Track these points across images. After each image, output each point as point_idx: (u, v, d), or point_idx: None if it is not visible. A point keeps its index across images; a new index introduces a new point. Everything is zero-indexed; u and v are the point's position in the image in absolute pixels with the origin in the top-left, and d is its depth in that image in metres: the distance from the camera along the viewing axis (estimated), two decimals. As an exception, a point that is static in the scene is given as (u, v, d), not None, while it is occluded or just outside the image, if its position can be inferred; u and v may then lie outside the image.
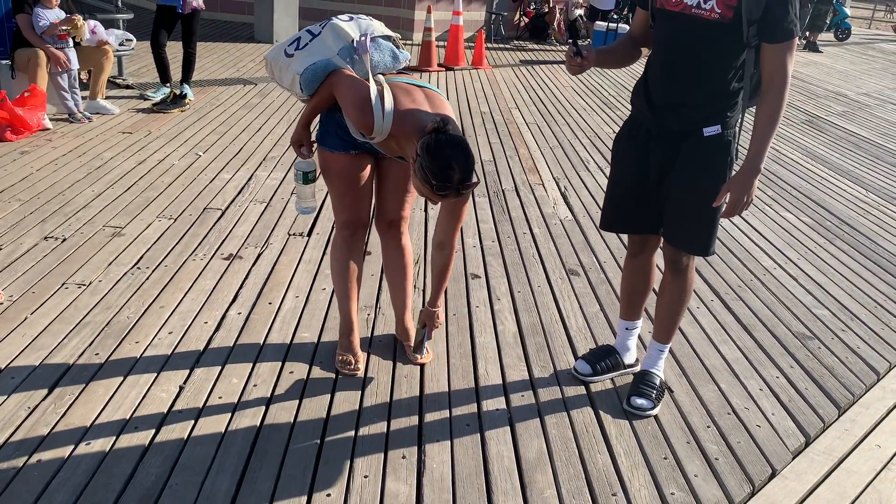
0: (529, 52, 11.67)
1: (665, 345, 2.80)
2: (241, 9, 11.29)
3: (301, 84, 2.47)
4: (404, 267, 2.88)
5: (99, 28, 5.94)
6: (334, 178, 2.61)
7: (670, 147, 2.47)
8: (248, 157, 5.24)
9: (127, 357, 2.75)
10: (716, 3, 2.24)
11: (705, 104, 2.37)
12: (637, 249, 2.77)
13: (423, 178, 2.17)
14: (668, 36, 2.39)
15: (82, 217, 3.96)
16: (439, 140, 2.15)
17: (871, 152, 7.27)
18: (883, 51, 16.80)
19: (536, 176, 5.48)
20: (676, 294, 2.67)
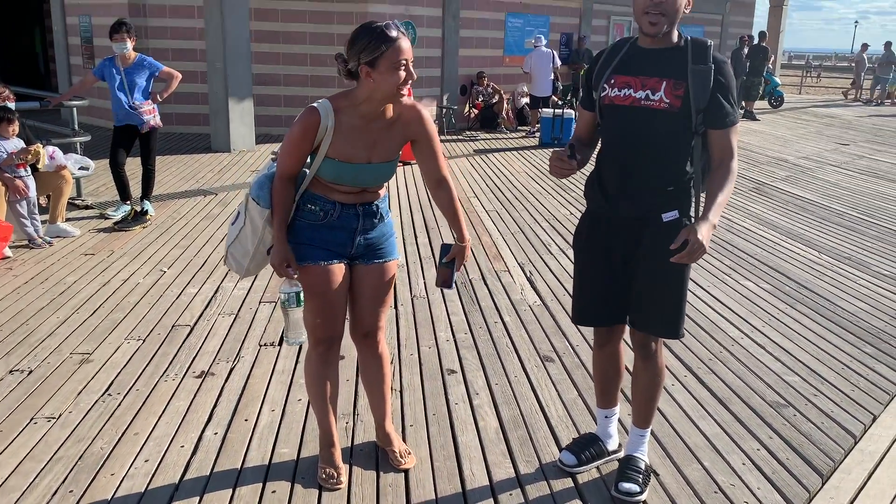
0: (482, 142, 12.02)
1: (645, 429, 2.82)
2: (197, 120, 11.48)
3: (257, 200, 2.55)
4: (382, 374, 2.86)
5: (57, 153, 6.00)
6: (308, 292, 2.62)
7: (631, 235, 2.54)
8: (213, 268, 5.24)
9: (103, 491, 2.67)
10: (664, 94, 2.38)
11: (661, 190, 2.47)
12: (604, 340, 2.80)
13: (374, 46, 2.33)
14: (620, 129, 2.49)
15: (48, 346, 3.90)
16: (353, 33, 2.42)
17: (818, 214, 7.55)
18: (816, 114, 17.65)
19: (501, 263, 5.57)
20: (650, 378, 2.71)
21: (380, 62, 2.35)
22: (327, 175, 2.53)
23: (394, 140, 2.57)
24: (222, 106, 9.99)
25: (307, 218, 2.58)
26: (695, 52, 2.40)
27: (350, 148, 2.49)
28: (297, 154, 2.50)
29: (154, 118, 6.35)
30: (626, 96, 2.44)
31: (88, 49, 12.18)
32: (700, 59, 2.38)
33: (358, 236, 2.63)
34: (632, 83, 2.44)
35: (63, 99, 7.17)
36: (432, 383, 3.59)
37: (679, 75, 2.38)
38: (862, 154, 11.75)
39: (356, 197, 2.60)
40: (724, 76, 2.39)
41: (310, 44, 11.61)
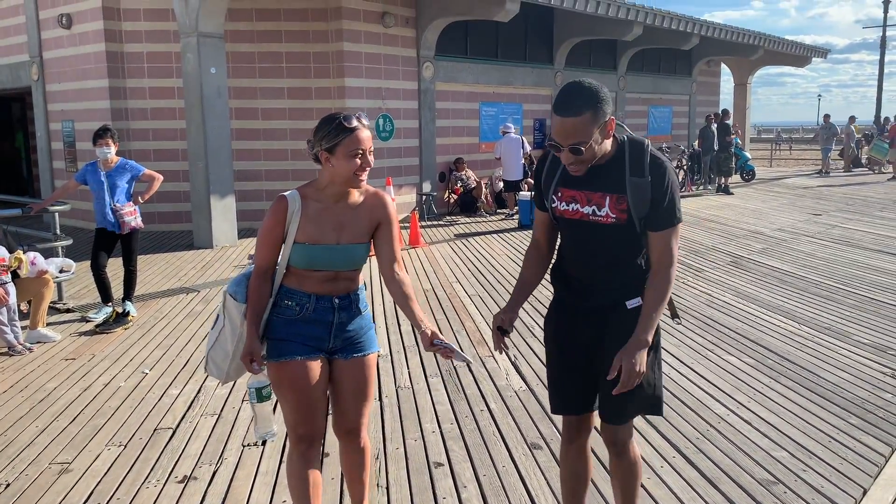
0: (462, 226, 12.19)
1: None
2: (179, 218, 11.60)
3: (233, 296, 2.63)
4: (363, 466, 2.89)
5: (39, 259, 6.02)
6: (286, 389, 2.62)
7: (596, 323, 2.53)
8: (196, 368, 5.20)
9: None
10: (609, 210, 2.41)
11: (622, 284, 2.50)
12: (573, 434, 2.71)
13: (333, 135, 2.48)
14: (573, 238, 2.54)
15: (26, 457, 3.82)
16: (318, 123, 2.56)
17: (796, 285, 7.67)
18: (787, 186, 18.11)
19: (485, 348, 5.57)
20: (627, 472, 2.65)
21: (337, 149, 2.51)
22: (299, 262, 2.60)
23: (361, 222, 2.67)
24: (204, 203, 10.12)
25: (284, 314, 2.64)
26: (632, 163, 2.39)
27: (317, 229, 2.59)
28: (270, 242, 2.62)
29: (135, 220, 6.41)
30: (574, 211, 2.47)
31: (71, 153, 12.38)
32: (636, 169, 2.38)
33: (335, 330, 2.66)
34: (577, 197, 2.46)
35: (45, 205, 7.25)
36: (419, 478, 3.54)
37: (619, 188, 2.39)
38: (835, 223, 12.02)
39: (331, 286, 2.64)
40: (663, 183, 2.37)
41: (290, 139, 11.89)
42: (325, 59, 11.82)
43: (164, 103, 11.53)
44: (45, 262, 6.09)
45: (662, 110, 20.25)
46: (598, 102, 2.27)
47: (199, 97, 9.81)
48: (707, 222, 12.12)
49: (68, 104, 12.27)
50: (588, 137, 2.27)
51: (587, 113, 2.25)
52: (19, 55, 13.29)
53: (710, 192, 16.55)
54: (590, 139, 2.28)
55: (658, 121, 20.10)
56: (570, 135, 2.27)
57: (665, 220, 2.40)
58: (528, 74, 15.31)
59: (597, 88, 2.29)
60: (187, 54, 9.85)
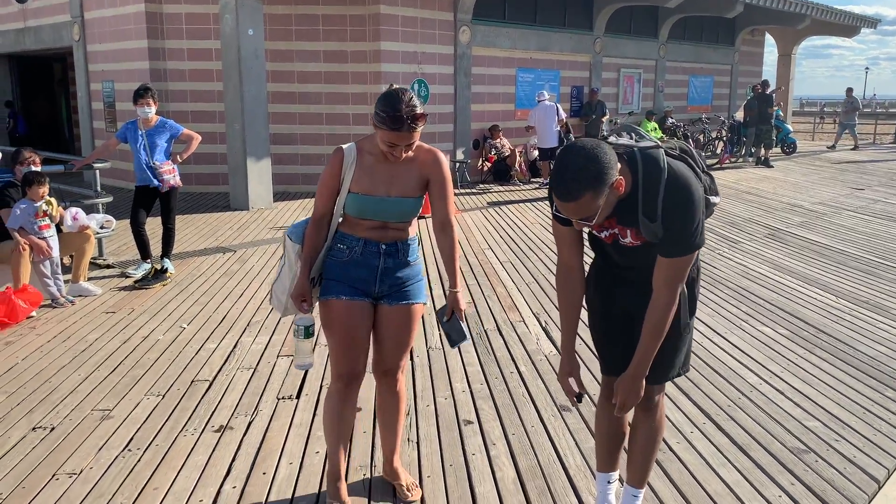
0: (495, 194, 12.14)
1: (640, 490, 2.71)
2: (217, 180, 11.73)
3: (291, 237, 2.81)
4: (397, 412, 2.99)
5: (80, 214, 6.15)
6: (334, 326, 2.77)
7: (637, 286, 2.50)
8: (232, 324, 5.30)
9: (122, 547, 2.68)
10: (631, 237, 2.39)
11: None
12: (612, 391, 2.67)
13: (379, 119, 2.57)
14: (606, 251, 2.57)
15: (70, 403, 3.95)
16: (387, 91, 2.63)
17: (834, 259, 7.53)
18: (829, 160, 17.69)
19: (516, 313, 5.59)
20: (649, 433, 2.65)
21: (378, 129, 2.65)
22: (352, 210, 2.76)
23: (411, 177, 2.77)
24: (241, 165, 10.22)
25: (336, 256, 2.80)
26: (644, 200, 2.28)
27: (369, 181, 2.73)
28: (326, 192, 2.78)
29: (174, 178, 6.51)
30: (607, 235, 2.47)
31: (111, 113, 12.55)
32: (648, 210, 2.27)
33: (380, 275, 2.79)
34: (607, 224, 2.42)
35: (87, 162, 7.38)
36: (449, 434, 3.59)
37: (635, 223, 2.34)
38: (878, 198, 11.75)
39: (380, 234, 2.78)
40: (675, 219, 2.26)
41: (325, 103, 11.91)
42: (361, 22, 11.77)
43: (203, 65, 11.60)
44: (86, 217, 6.22)
45: (703, 80, 19.84)
46: (598, 180, 2.11)
47: (236, 59, 9.85)
48: (745, 195, 11.92)
49: (108, 65, 12.41)
50: (594, 212, 2.18)
51: (587, 194, 2.11)
52: (61, 15, 13.44)
53: (750, 164, 16.25)
54: (597, 212, 2.18)
55: (698, 91, 19.71)
56: (574, 214, 2.20)
57: (677, 249, 2.30)
58: (566, 40, 15.09)
59: (594, 162, 2.12)
60: (225, 15, 9.88)
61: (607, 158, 2.14)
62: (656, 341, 2.37)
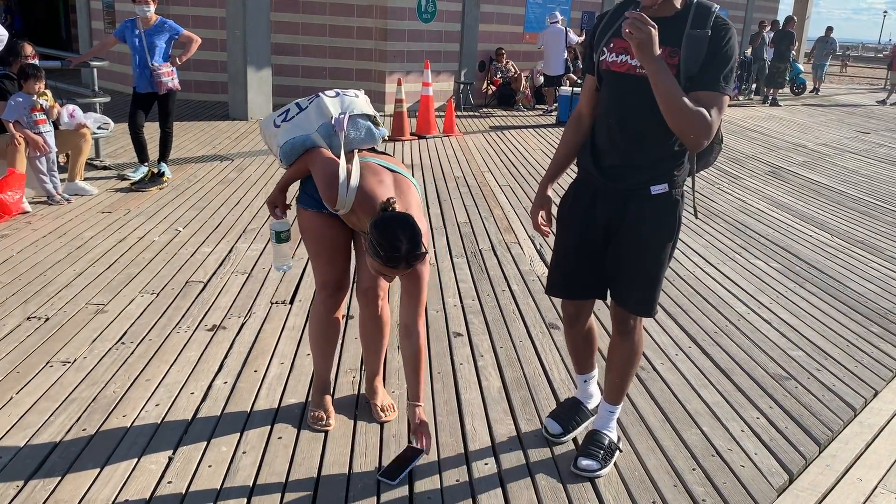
0: (498, 119, 11.99)
1: (616, 406, 2.75)
2: (216, 88, 11.54)
3: (280, 156, 2.66)
4: (380, 336, 2.96)
5: (77, 112, 6.07)
6: (309, 236, 2.74)
7: (617, 206, 2.46)
8: (228, 230, 5.31)
9: (115, 431, 2.75)
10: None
11: (652, 164, 2.39)
12: (572, 319, 2.72)
13: (374, 252, 2.29)
14: (614, 97, 2.41)
15: (65, 296, 3.98)
16: (385, 217, 2.30)
17: (833, 199, 7.52)
18: (837, 102, 17.46)
19: (512, 235, 5.60)
20: (626, 355, 2.63)
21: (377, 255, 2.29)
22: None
23: None
24: (241, 74, 10.04)
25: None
26: (695, 17, 2.26)
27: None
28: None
29: (172, 80, 6.39)
30: (622, 63, 2.34)
31: (110, 14, 12.23)
32: (698, 23, 2.24)
33: None
34: (629, 49, 2.30)
35: (84, 59, 7.23)
36: (439, 344, 3.65)
37: (675, 42, 2.24)
38: (882, 142, 11.64)
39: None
40: (721, 41, 2.23)
41: (329, 14, 11.61)
42: (370, -68, 11.37)
43: (204, -32, 11.26)
44: (83, 115, 6.14)
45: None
46: None
47: (239, -38, 9.55)
48: (749, 132, 11.80)
49: (107, -37, 12.04)
50: None
51: None
52: None
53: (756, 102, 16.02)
54: None
55: (711, 24, 19.21)
56: None
57: (713, 81, 2.22)
58: (579, -36, 14.62)
59: None
60: (229, -85, 9.52)
61: None
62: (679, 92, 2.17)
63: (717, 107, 2.23)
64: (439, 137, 9.83)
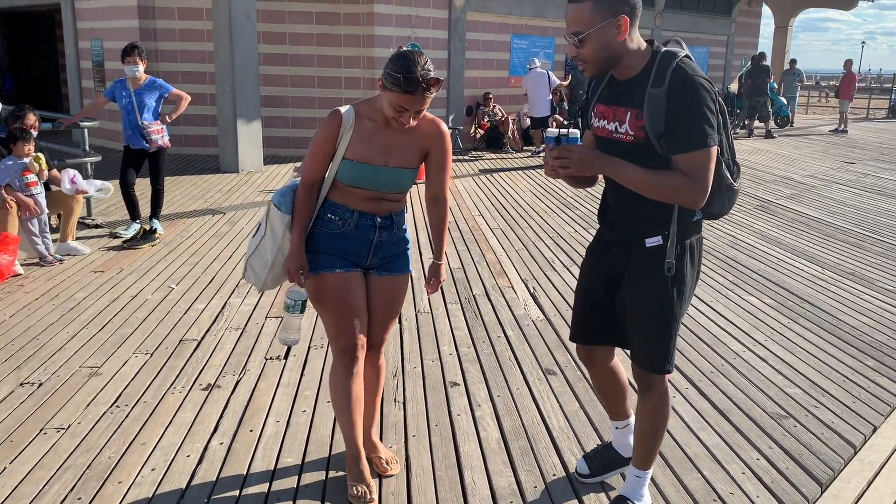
0: (487, 161, 12.11)
1: (644, 471, 2.64)
2: (206, 142, 11.63)
3: (279, 206, 2.65)
4: (377, 386, 2.94)
5: (78, 178, 6.07)
6: (329, 300, 2.65)
7: (622, 258, 2.49)
8: (221, 285, 5.31)
9: (111, 498, 2.72)
10: (629, 126, 2.29)
11: (645, 218, 2.41)
12: (588, 362, 2.74)
13: (392, 80, 2.43)
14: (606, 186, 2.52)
15: (58, 360, 3.96)
16: (399, 52, 2.49)
17: (822, 231, 7.58)
18: (822, 134, 17.69)
19: (505, 279, 5.62)
20: (648, 414, 2.55)
21: (388, 93, 2.49)
22: (346, 177, 2.61)
23: (411, 147, 2.66)
24: (231, 127, 10.14)
25: (326, 227, 2.67)
26: (656, 73, 2.23)
27: (366, 148, 2.60)
28: (320, 156, 2.63)
29: (163, 138, 6.45)
30: (602, 128, 2.41)
31: (100, 72, 12.38)
32: (658, 80, 2.22)
33: (374, 248, 2.70)
34: (606, 114, 2.38)
35: (75, 120, 7.29)
36: (435, 395, 3.63)
37: (639, 103, 2.25)
38: (868, 172, 11.78)
39: (375, 205, 2.66)
40: (681, 94, 2.18)
41: (317, 66, 11.78)
42: (355, -15, 11.60)
43: (193, 24, 11.44)
44: (84, 182, 6.15)
45: (699, 51, 19.70)
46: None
47: (227, 18, 9.71)
48: (736, 166, 11.91)
49: (97, 22, 12.22)
50: (585, 27, 2.20)
51: (587, 2, 2.19)
52: (49, -29, 13.21)
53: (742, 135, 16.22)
54: (587, 30, 2.19)
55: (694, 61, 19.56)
56: (571, 24, 2.24)
57: (684, 141, 2.18)
58: (561, 7, 14.91)
59: None
60: (216, -26, 9.72)
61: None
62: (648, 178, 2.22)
63: (700, 166, 2.20)
64: (430, 183, 9.88)
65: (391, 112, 2.51)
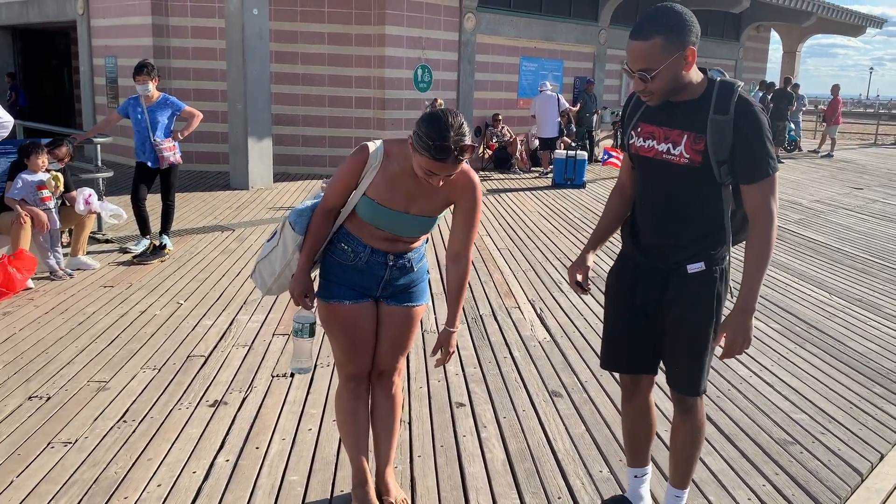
0: (495, 182, 12.16)
1: (682, 490, 2.65)
2: (217, 159, 11.73)
3: (293, 226, 2.58)
4: (392, 418, 2.82)
5: (93, 198, 6.12)
6: (338, 330, 2.62)
7: (657, 284, 2.46)
8: (229, 301, 5.34)
9: (116, 514, 2.73)
10: (684, 149, 2.28)
11: (688, 244, 2.38)
12: (630, 392, 2.67)
13: (422, 146, 2.28)
14: (646, 180, 2.44)
15: (66, 374, 3.98)
16: (434, 111, 2.32)
17: (829, 256, 7.58)
18: (830, 159, 17.70)
19: (512, 300, 5.63)
20: (688, 434, 2.55)
21: (418, 156, 2.34)
22: (364, 214, 2.53)
23: (437, 197, 2.52)
24: (242, 145, 10.23)
25: (338, 256, 2.60)
26: (717, 101, 2.26)
27: (388, 192, 2.48)
28: (341, 187, 2.53)
29: (174, 155, 6.52)
30: (649, 148, 2.37)
31: (113, 89, 12.53)
32: (721, 108, 2.24)
33: (384, 283, 2.62)
34: (655, 133, 2.36)
35: (88, 136, 7.38)
36: (441, 416, 3.64)
37: (700, 128, 2.26)
38: (875, 198, 11.78)
39: (389, 245, 2.58)
40: (748, 124, 2.23)
41: (328, 85, 11.89)
42: (366, 6, 11.73)
43: (206, 43, 11.58)
44: (98, 204, 6.20)
45: (707, 75, 19.77)
46: (672, 30, 2.16)
47: (240, 38, 9.84)
48: (744, 190, 11.93)
49: (112, 40, 12.38)
50: (656, 64, 2.18)
51: (656, 38, 2.16)
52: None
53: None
54: (658, 66, 2.18)
55: (701, 85, 19.62)
56: (638, 60, 2.20)
57: (755, 170, 2.24)
58: (571, 31, 15.06)
59: (678, 14, 2.18)
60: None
61: (690, 20, 2.20)
62: (760, 272, 2.28)
63: (771, 194, 2.27)
64: (438, 203, 9.93)
65: (420, 172, 2.37)
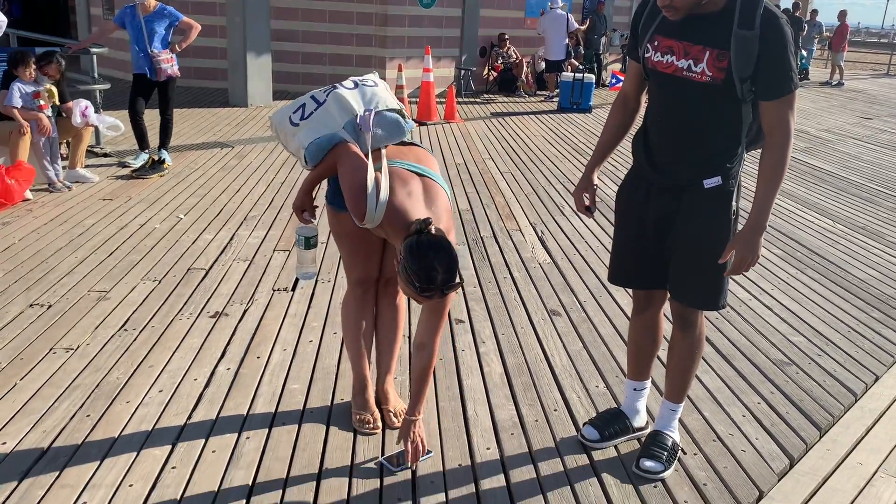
0: (499, 105, 11.96)
1: (678, 404, 2.68)
2: (216, 75, 11.50)
3: (306, 157, 2.49)
4: (395, 328, 2.84)
5: (90, 110, 6.00)
6: (344, 237, 2.64)
7: (671, 200, 2.42)
8: (229, 217, 5.31)
9: (119, 417, 2.77)
10: (706, 67, 2.21)
11: (704, 160, 2.35)
12: (642, 305, 2.66)
13: (406, 280, 2.16)
14: (662, 97, 2.38)
15: (67, 283, 3.99)
16: (421, 242, 2.16)
17: (834, 185, 7.51)
18: (840, 89, 17.38)
19: (513, 222, 5.60)
20: (687, 350, 2.56)
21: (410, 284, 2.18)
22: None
23: None
24: (240, 61, 10.01)
25: None
26: (742, 14, 2.15)
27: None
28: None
29: (172, 67, 6.37)
30: (668, 63, 2.28)
31: (108, 0, 12.17)
32: (745, 22, 2.14)
33: None
34: (675, 48, 2.26)
35: (83, 45, 7.20)
36: (440, 331, 3.65)
37: (723, 44, 2.17)
38: (885, 128, 11.61)
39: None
40: (773, 39, 2.14)
41: (329, 0, 11.55)
42: (370, -84, 11.29)
43: (204, -47, 11.19)
44: (95, 117, 6.09)
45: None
46: None
47: (239, -52, 9.50)
48: (751, 118, 11.75)
49: (106, -52, 11.97)
50: None
51: None
52: None
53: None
54: None
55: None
56: None
57: (777, 86, 2.18)
58: (581, -52, 14.53)
59: None
60: None
61: None
62: (773, 190, 2.24)
63: (790, 110, 2.21)
64: (440, 124, 9.80)
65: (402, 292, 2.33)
